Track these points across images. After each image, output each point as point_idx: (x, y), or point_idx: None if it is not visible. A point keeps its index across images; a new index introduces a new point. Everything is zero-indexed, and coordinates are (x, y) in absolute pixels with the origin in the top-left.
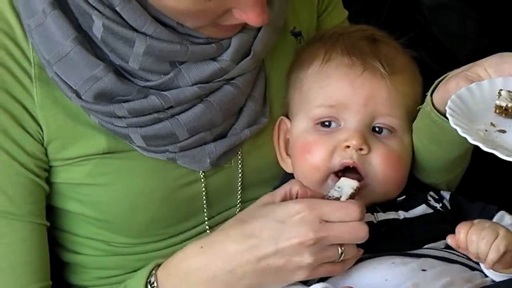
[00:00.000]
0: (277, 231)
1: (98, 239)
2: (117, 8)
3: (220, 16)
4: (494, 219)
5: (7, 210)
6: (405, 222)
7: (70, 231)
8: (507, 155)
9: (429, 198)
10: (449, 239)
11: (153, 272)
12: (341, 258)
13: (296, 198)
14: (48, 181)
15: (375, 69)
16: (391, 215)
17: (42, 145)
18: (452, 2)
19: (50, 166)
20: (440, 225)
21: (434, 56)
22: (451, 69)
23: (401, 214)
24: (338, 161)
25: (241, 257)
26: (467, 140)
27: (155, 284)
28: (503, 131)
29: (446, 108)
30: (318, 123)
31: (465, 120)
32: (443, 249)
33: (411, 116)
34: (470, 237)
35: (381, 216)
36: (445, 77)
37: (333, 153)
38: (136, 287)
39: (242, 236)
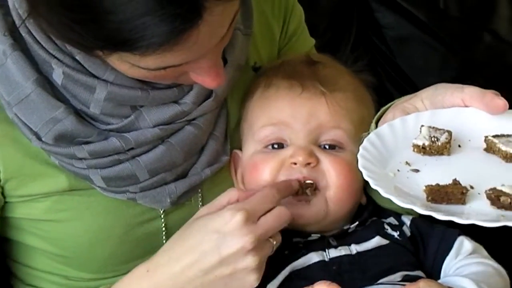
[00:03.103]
0: (216, 241)
1: (56, 273)
2: (76, 57)
3: (177, 78)
4: (454, 247)
5: None
6: (358, 257)
7: (28, 265)
8: (405, 203)
9: (386, 226)
10: None
11: None
12: (273, 249)
13: None
14: (4, 216)
15: (314, 88)
16: (342, 251)
17: None
18: (416, 34)
19: (6, 202)
20: (396, 257)
21: (398, 86)
22: None
23: (353, 249)
24: (285, 177)
25: (188, 273)
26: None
27: None
28: (416, 171)
29: (360, 148)
30: (266, 146)
31: (376, 160)
32: (399, 282)
33: (359, 130)
34: None
35: (333, 253)
36: (391, 105)
37: (279, 170)
38: None
39: (183, 252)
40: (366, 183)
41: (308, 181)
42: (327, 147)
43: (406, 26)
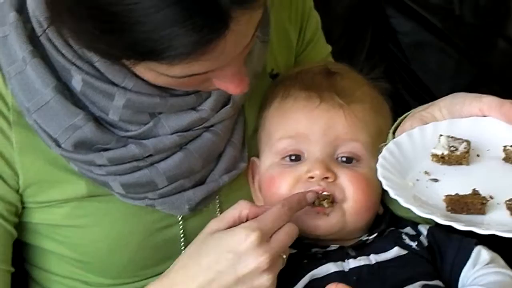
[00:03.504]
0: (232, 261)
1: (75, 278)
2: (95, 64)
3: (200, 84)
4: (472, 257)
5: None
6: (377, 267)
7: (46, 269)
8: (425, 213)
9: (404, 236)
10: None
11: None
12: (285, 262)
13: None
14: (23, 221)
15: (332, 100)
16: (362, 261)
17: (17, 191)
18: (431, 40)
19: (24, 207)
20: (415, 267)
21: (413, 93)
22: None
23: (373, 259)
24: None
25: None
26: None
27: None
28: (436, 180)
29: (379, 157)
30: (283, 158)
31: (395, 169)
32: None
33: (376, 142)
34: None
35: (352, 263)
36: (407, 114)
37: (296, 185)
38: None
39: (199, 271)
40: (383, 192)
41: (325, 193)
42: (344, 159)
43: (421, 32)
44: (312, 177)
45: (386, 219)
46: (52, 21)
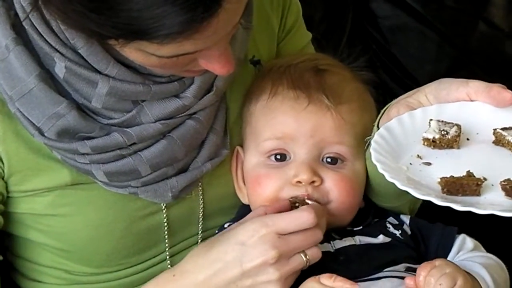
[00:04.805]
0: (239, 253)
1: (59, 268)
2: (79, 51)
3: (186, 65)
4: (456, 243)
5: None
6: (363, 247)
7: (30, 260)
8: (422, 194)
9: (388, 225)
10: (407, 280)
11: None
12: (308, 264)
13: None
14: (6, 211)
15: (320, 101)
16: (347, 241)
17: (2, 178)
18: (411, 24)
19: (9, 197)
20: (399, 251)
21: (394, 77)
22: (411, 90)
23: (358, 240)
24: (289, 195)
25: (211, 282)
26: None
27: None
28: (429, 164)
29: (372, 142)
30: (269, 156)
31: (389, 154)
32: (405, 271)
33: (361, 142)
34: (429, 279)
35: (338, 244)
36: (389, 105)
37: (283, 188)
38: None
39: (208, 261)
40: (366, 186)
41: (308, 201)
42: (329, 160)
43: (402, 15)
44: (299, 182)
45: (371, 212)
46: (40, 1)
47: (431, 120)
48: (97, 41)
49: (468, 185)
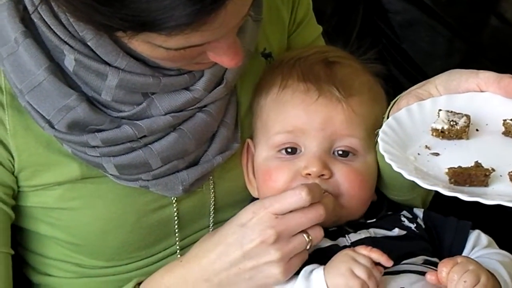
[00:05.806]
0: (239, 235)
1: (69, 261)
2: (89, 43)
3: (195, 58)
4: (471, 239)
5: None
6: (380, 239)
7: (40, 253)
8: (429, 184)
9: (403, 219)
10: (428, 275)
11: None
12: (310, 244)
13: None
14: (17, 204)
15: (330, 94)
16: (362, 234)
17: (13, 173)
18: (422, 19)
19: (19, 191)
20: (417, 242)
21: (404, 72)
22: None
23: (372, 232)
24: None
25: (214, 265)
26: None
27: None
28: (437, 154)
29: (380, 132)
30: (280, 150)
31: (396, 144)
32: (422, 264)
33: (372, 134)
34: (452, 275)
35: (353, 236)
36: (400, 97)
37: (293, 180)
38: None
39: (211, 244)
40: (378, 179)
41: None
42: (340, 152)
43: (412, 10)
44: (309, 174)
45: (385, 204)
46: None
47: (440, 110)
48: (105, 33)
49: (476, 175)
